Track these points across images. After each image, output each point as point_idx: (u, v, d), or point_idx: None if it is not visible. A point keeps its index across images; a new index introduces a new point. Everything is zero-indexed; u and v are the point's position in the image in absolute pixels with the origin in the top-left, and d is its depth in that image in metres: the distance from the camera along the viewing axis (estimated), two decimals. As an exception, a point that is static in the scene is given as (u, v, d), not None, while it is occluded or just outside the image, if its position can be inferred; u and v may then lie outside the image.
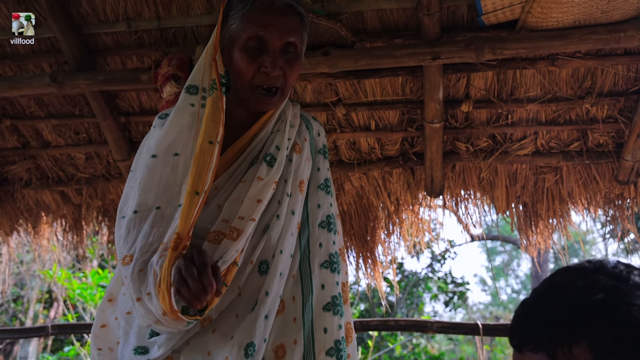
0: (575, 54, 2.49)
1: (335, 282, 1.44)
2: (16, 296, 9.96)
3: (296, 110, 1.59)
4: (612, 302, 0.73)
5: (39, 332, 3.84)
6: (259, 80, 1.42)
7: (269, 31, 1.38)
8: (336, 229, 1.53)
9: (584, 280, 0.78)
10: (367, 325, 3.58)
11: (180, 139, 1.39)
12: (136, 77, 2.61)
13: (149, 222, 1.29)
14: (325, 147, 1.63)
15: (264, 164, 1.42)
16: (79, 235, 3.59)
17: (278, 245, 1.39)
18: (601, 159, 2.81)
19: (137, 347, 1.34)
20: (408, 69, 2.62)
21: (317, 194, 1.54)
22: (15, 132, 3.21)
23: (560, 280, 0.81)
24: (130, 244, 1.29)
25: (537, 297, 0.83)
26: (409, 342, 10.46)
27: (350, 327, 1.50)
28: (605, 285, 0.76)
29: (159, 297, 1.18)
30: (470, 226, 3.28)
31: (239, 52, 1.41)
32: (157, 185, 1.34)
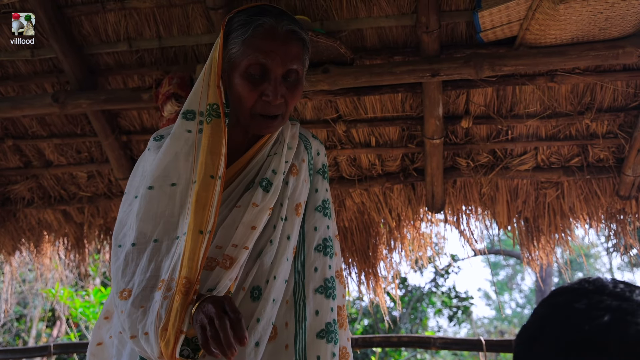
0: (574, 70, 2.50)
1: (330, 309, 1.39)
2: (19, 315, 9.93)
3: (295, 130, 1.55)
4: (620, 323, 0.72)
5: (41, 351, 3.82)
6: (260, 109, 1.38)
7: (271, 58, 1.33)
8: (332, 252, 1.48)
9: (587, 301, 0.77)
10: (370, 342, 3.55)
11: (177, 168, 1.34)
12: (137, 96, 2.63)
13: (147, 257, 1.27)
14: (324, 167, 1.59)
15: (259, 190, 1.38)
16: (81, 254, 3.59)
17: (272, 270, 1.35)
18: (602, 174, 2.81)
19: None
20: (408, 85, 2.63)
21: (314, 216, 1.49)
22: (17, 152, 3.23)
23: (562, 302, 0.80)
24: (128, 277, 1.26)
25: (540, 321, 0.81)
26: (413, 357, 10.37)
27: (346, 352, 1.46)
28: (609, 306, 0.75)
29: (161, 341, 1.16)
30: (473, 241, 3.27)
31: (240, 79, 1.36)
32: (154, 218, 1.31)
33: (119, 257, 1.30)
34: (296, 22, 1.40)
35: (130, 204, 1.38)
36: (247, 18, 1.36)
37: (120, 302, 1.24)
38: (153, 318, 1.19)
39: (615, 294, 0.77)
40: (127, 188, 1.44)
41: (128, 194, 1.41)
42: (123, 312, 1.23)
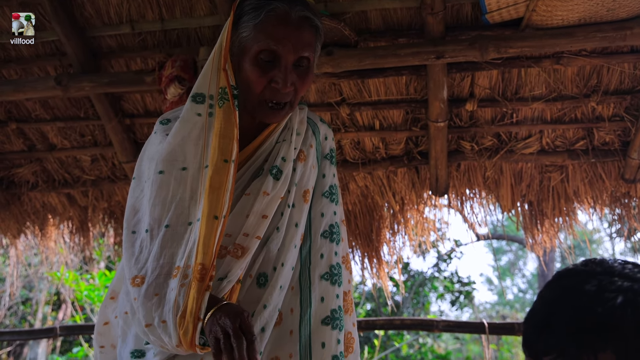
0: (580, 52, 2.47)
1: (335, 295, 1.38)
2: (25, 298, 10.01)
3: (303, 115, 1.52)
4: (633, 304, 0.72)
5: (47, 333, 3.86)
6: (269, 95, 1.35)
7: (282, 45, 1.30)
8: (339, 238, 1.46)
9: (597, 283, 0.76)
10: (373, 325, 3.57)
11: (188, 152, 1.32)
12: (140, 79, 2.62)
13: (159, 242, 1.25)
14: (332, 152, 1.56)
15: (269, 178, 1.36)
16: (85, 237, 3.60)
17: (279, 257, 1.34)
18: (607, 157, 2.79)
19: (134, 351, 1.32)
20: (412, 68, 2.61)
21: (321, 202, 1.47)
22: (21, 135, 3.23)
23: (571, 284, 0.79)
24: (141, 264, 1.24)
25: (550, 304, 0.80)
26: (415, 341, 10.44)
27: (352, 337, 1.46)
28: (621, 287, 0.74)
29: (180, 329, 1.15)
30: (476, 225, 3.27)
31: (249, 64, 1.33)
32: (165, 203, 1.28)
33: (134, 244, 1.28)
34: (309, 8, 1.36)
35: (142, 190, 1.36)
36: (259, 2, 1.33)
37: (133, 289, 1.23)
38: (170, 306, 1.18)
39: (625, 274, 0.76)
40: (136, 173, 1.41)
41: (137, 179, 1.39)
42: (136, 299, 1.21)
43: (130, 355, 1.32)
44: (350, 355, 1.44)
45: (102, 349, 1.50)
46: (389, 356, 9.88)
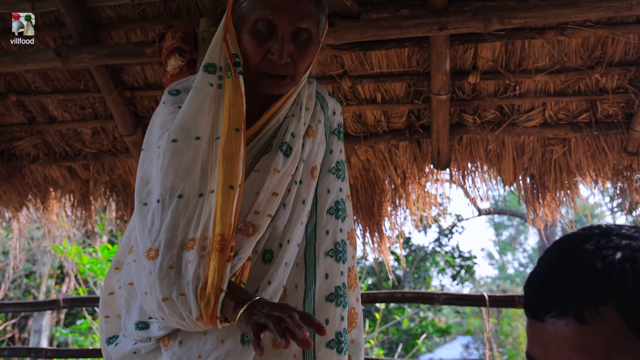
0: (585, 23, 2.44)
1: (340, 272, 1.37)
2: (28, 272, 10.11)
3: (312, 89, 1.49)
4: (632, 259, 0.72)
5: (51, 305, 3.90)
6: (265, 67, 1.32)
7: (278, 15, 1.28)
8: (344, 214, 1.45)
9: (596, 242, 0.76)
10: (374, 298, 3.60)
11: (201, 122, 1.29)
12: (140, 51, 2.60)
13: (171, 213, 1.22)
14: (340, 127, 1.53)
15: (279, 154, 1.34)
16: (87, 211, 3.62)
17: (285, 234, 1.33)
18: (610, 130, 2.78)
19: (138, 322, 1.32)
20: (414, 40, 2.58)
21: (327, 178, 1.45)
22: (21, 108, 3.21)
23: (569, 245, 0.79)
24: (154, 236, 1.22)
25: (549, 264, 0.80)
26: (416, 315, 10.56)
27: (355, 313, 1.46)
28: (619, 244, 0.74)
29: (201, 301, 1.14)
30: (478, 200, 3.27)
31: (247, 35, 1.32)
32: (178, 172, 1.25)
33: (146, 216, 1.26)
34: None
35: (152, 160, 1.33)
36: None
37: (148, 263, 1.21)
38: (189, 278, 1.16)
39: (622, 234, 0.76)
40: (145, 144, 1.38)
41: (147, 150, 1.36)
42: (152, 272, 1.19)
43: (134, 326, 1.33)
44: (353, 331, 1.45)
45: (107, 318, 1.50)
46: (390, 329, 10.00)
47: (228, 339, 1.24)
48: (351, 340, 1.44)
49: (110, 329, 1.47)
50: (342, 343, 1.33)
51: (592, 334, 0.71)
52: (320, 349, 1.30)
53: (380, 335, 9.68)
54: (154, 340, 1.30)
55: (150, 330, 1.30)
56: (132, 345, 1.34)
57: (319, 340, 1.30)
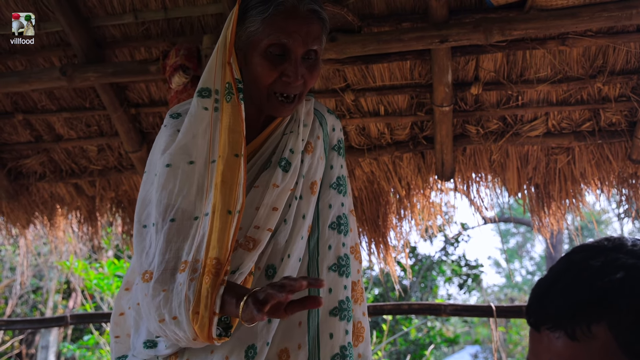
0: (586, 33, 2.45)
1: (343, 286, 1.38)
2: (35, 287, 10.12)
3: (310, 106, 1.52)
4: (632, 280, 0.72)
5: (58, 322, 3.90)
6: (279, 89, 1.35)
7: (292, 39, 1.31)
8: (347, 229, 1.46)
9: (603, 258, 0.76)
10: (380, 310, 3.59)
11: (195, 146, 1.33)
12: (145, 69, 2.62)
13: (164, 236, 1.25)
14: (340, 143, 1.56)
15: (278, 170, 1.37)
16: (93, 227, 3.63)
17: (286, 249, 1.35)
18: (614, 138, 2.78)
19: (146, 341, 1.34)
20: (416, 52, 2.60)
21: (328, 194, 1.47)
22: (28, 126, 3.24)
23: (579, 259, 0.79)
24: (150, 259, 1.26)
25: (554, 276, 0.81)
26: (423, 325, 10.50)
27: (362, 326, 1.46)
28: (624, 263, 0.74)
29: (195, 324, 1.15)
30: (483, 209, 3.27)
31: (260, 58, 1.34)
32: (171, 196, 1.29)
33: (145, 238, 1.29)
34: (316, 0, 1.37)
35: (152, 183, 1.36)
36: None
37: (143, 285, 1.24)
38: (181, 301, 1.18)
39: (632, 252, 0.76)
40: (147, 167, 1.42)
41: (149, 173, 1.39)
42: (147, 295, 1.22)
43: (142, 345, 1.35)
44: (360, 345, 1.45)
45: (118, 339, 1.51)
46: (398, 340, 9.95)
47: (232, 354, 1.25)
48: (358, 355, 1.44)
49: (119, 349, 1.49)
50: (347, 357, 1.33)
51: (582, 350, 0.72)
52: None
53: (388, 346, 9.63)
54: (161, 359, 1.32)
55: (158, 348, 1.31)
56: None
57: (323, 353, 1.31)
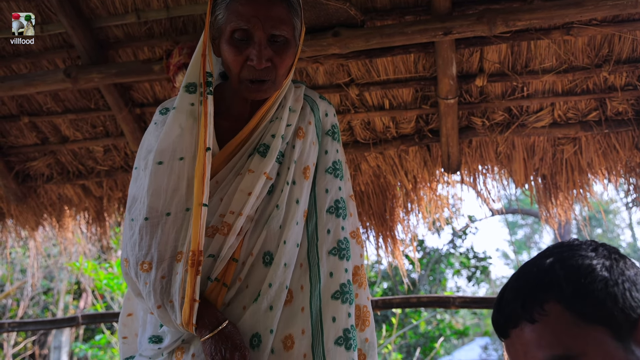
0: (591, 22, 2.43)
1: (344, 269, 1.39)
2: (46, 288, 10.20)
3: (299, 93, 1.53)
4: (562, 261, 0.85)
5: (70, 322, 3.93)
6: (247, 74, 1.36)
7: (251, 23, 1.32)
8: (346, 213, 1.47)
9: (540, 252, 0.90)
10: (390, 303, 3.60)
11: (183, 142, 1.36)
12: (148, 68, 2.63)
13: (161, 229, 1.31)
14: (334, 128, 1.56)
15: (256, 155, 1.39)
16: (102, 227, 3.65)
17: (282, 235, 1.36)
18: (621, 127, 2.76)
19: (152, 336, 1.37)
20: (420, 45, 2.59)
21: (324, 179, 1.48)
22: (34, 129, 3.26)
23: (525, 262, 0.92)
24: (145, 250, 1.30)
25: (502, 288, 0.93)
26: (433, 317, 10.50)
27: (367, 311, 1.47)
28: (552, 251, 0.89)
29: (182, 309, 1.25)
30: (490, 200, 3.26)
31: (225, 45, 1.36)
32: (165, 192, 1.33)
33: (134, 231, 1.33)
34: None
35: (141, 178, 1.39)
36: None
37: (142, 274, 1.29)
38: (177, 288, 1.26)
39: (562, 244, 0.90)
40: (136, 162, 1.44)
41: (138, 169, 1.42)
42: (147, 283, 1.28)
43: (148, 340, 1.37)
44: (367, 329, 1.47)
45: (125, 339, 1.53)
46: (407, 333, 9.95)
47: None
48: (365, 339, 1.46)
49: (127, 350, 1.50)
50: (351, 339, 1.34)
51: (543, 329, 0.82)
52: (329, 346, 1.31)
53: (398, 339, 9.64)
54: (166, 354, 1.33)
55: (163, 342, 1.34)
56: None
57: (327, 336, 1.32)
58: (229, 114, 1.47)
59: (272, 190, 1.41)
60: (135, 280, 1.32)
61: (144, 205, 1.33)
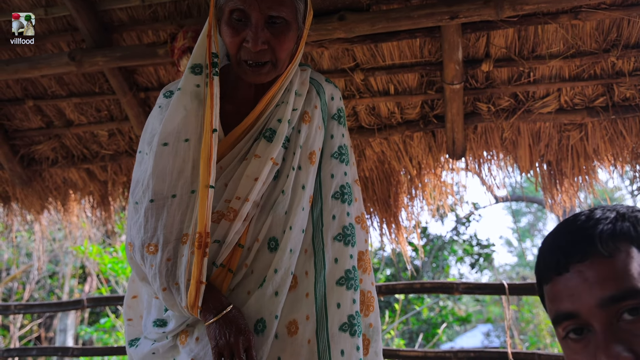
0: (599, 6, 2.40)
1: (349, 255, 1.39)
2: (52, 272, 10.27)
3: (305, 76, 1.51)
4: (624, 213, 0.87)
5: (75, 305, 3.96)
6: (244, 56, 1.36)
7: (247, 4, 1.31)
8: (351, 198, 1.46)
9: (589, 211, 0.91)
10: (393, 289, 3.60)
11: (188, 124, 1.35)
12: (153, 52, 2.62)
13: (167, 211, 1.30)
14: (340, 112, 1.55)
15: (262, 140, 1.38)
16: (106, 211, 3.66)
17: (287, 221, 1.36)
18: (628, 113, 2.74)
19: (156, 320, 1.38)
20: (426, 30, 2.57)
21: (330, 164, 1.47)
22: (39, 113, 3.26)
23: (570, 218, 0.92)
24: (151, 232, 1.30)
25: (557, 229, 0.93)
26: (435, 304, 10.54)
27: (372, 296, 1.47)
28: (615, 207, 0.90)
29: (186, 292, 1.25)
30: (494, 187, 3.25)
31: (225, 26, 1.36)
32: (170, 173, 1.32)
33: (139, 213, 1.32)
34: None
35: (147, 162, 1.38)
36: None
37: (149, 257, 1.29)
38: (183, 270, 1.25)
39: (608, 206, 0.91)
40: (140, 146, 1.44)
41: (142, 153, 1.42)
42: (153, 265, 1.28)
43: (152, 324, 1.37)
44: (371, 314, 1.46)
45: (130, 321, 1.54)
46: (410, 320, 10.00)
47: None
48: (369, 324, 1.45)
49: (132, 332, 1.51)
50: (355, 326, 1.34)
51: (616, 264, 0.82)
52: (333, 332, 1.31)
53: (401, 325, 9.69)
54: (170, 337, 1.34)
55: (167, 326, 1.34)
56: (151, 345, 1.37)
57: (331, 323, 1.32)
58: (234, 97, 1.46)
59: (278, 176, 1.40)
60: (140, 264, 1.32)
61: (148, 188, 1.32)
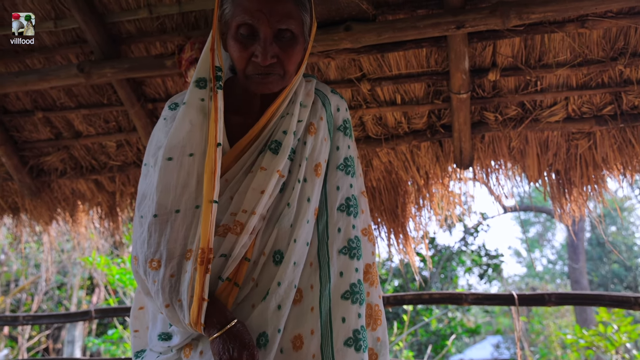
0: (606, 14, 2.40)
1: (354, 269, 1.36)
2: (60, 283, 10.30)
3: (310, 87, 1.50)
4: None
5: (83, 316, 3.97)
6: (252, 70, 1.35)
7: (256, 18, 1.30)
8: (357, 211, 1.44)
9: None
10: (401, 300, 3.58)
11: (193, 138, 1.34)
12: (161, 63, 2.63)
13: (171, 227, 1.28)
14: (346, 123, 1.53)
15: (268, 152, 1.37)
16: (114, 222, 3.68)
17: (292, 234, 1.34)
18: (636, 121, 2.72)
19: (161, 333, 1.36)
20: (432, 40, 2.57)
21: (335, 176, 1.45)
22: (47, 124, 3.29)
23: None
24: (154, 248, 1.28)
25: None
26: (444, 315, 10.46)
27: (379, 310, 1.45)
28: None
29: (190, 309, 1.23)
30: (502, 197, 3.23)
31: (232, 40, 1.34)
32: (174, 188, 1.31)
33: (143, 228, 1.31)
34: None
35: (152, 175, 1.37)
36: None
37: (151, 272, 1.27)
38: (186, 287, 1.24)
39: None
40: (146, 159, 1.43)
41: (147, 165, 1.41)
42: (156, 281, 1.26)
43: (157, 337, 1.37)
44: (379, 328, 1.44)
45: (137, 332, 1.53)
46: (419, 331, 9.93)
47: None
48: (377, 338, 1.43)
49: (138, 344, 1.50)
50: (360, 340, 1.31)
51: None
52: (338, 347, 1.29)
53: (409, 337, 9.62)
54: (175, 351, 1.33)
55: (172, 340, 1.33)
56: (156, 358, 1.37)
57: (336, 337, 1.30)
58: (239, 109, 1.45)
59: (284, 188, 1.39)
60: (144, 279, 1.31)
61: (152, 202, 1.31)
